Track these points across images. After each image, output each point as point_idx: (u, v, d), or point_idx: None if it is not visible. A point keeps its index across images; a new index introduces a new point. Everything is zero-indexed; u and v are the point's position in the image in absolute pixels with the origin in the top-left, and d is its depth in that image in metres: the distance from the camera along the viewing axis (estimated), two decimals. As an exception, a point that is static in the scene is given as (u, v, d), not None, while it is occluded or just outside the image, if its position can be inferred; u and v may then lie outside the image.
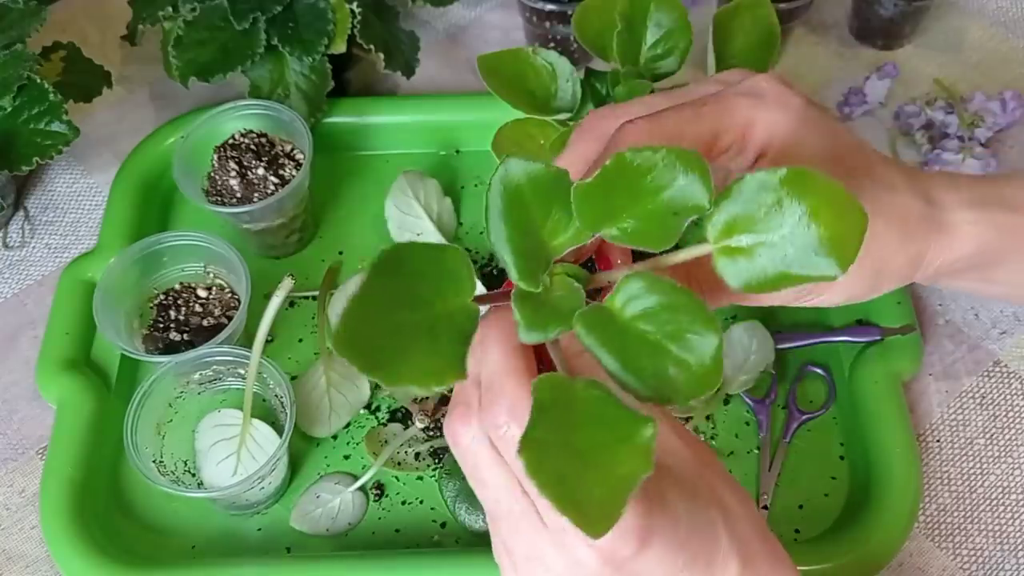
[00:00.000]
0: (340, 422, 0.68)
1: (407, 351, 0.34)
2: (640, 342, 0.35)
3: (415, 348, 0.34)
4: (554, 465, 0.32)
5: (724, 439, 0.68)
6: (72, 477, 0.63)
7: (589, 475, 0.32)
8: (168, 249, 0.70)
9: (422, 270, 0.35)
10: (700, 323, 0.34)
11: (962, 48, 0.89)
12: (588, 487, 0.32)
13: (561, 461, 0.32)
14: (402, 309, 0.34)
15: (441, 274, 0.35)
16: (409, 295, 0.35)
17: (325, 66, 0.77)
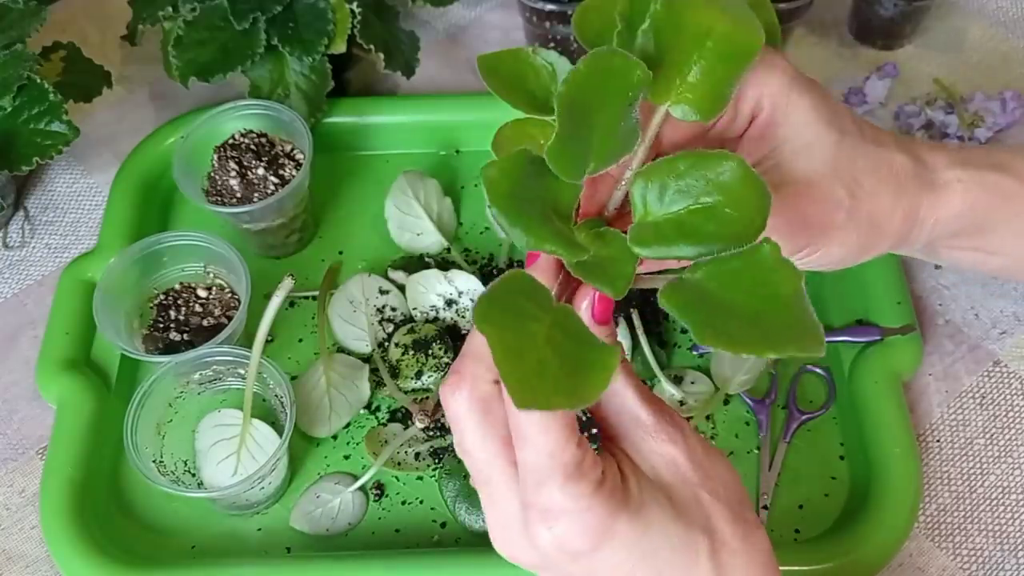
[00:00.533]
0: (340, 422, 0.68)
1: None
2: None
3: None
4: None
5: (724, 439, 0.68)
6: (72, 477, 0.63)
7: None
8: (168, 249, 0.70)
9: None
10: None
11: (962, 48, 0.89)
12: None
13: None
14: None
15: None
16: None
17: (325, 66, 0.77)
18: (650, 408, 0.41)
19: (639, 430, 0.41)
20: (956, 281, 0.74)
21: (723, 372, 0.69)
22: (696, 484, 0.41)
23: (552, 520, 0.38)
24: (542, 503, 0.38)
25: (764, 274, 0.36)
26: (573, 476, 0.38)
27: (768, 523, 0.64)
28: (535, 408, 0.33)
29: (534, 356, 0.34)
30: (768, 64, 0.47)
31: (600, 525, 0.38)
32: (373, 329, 0.72)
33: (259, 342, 0.61)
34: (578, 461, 0.38)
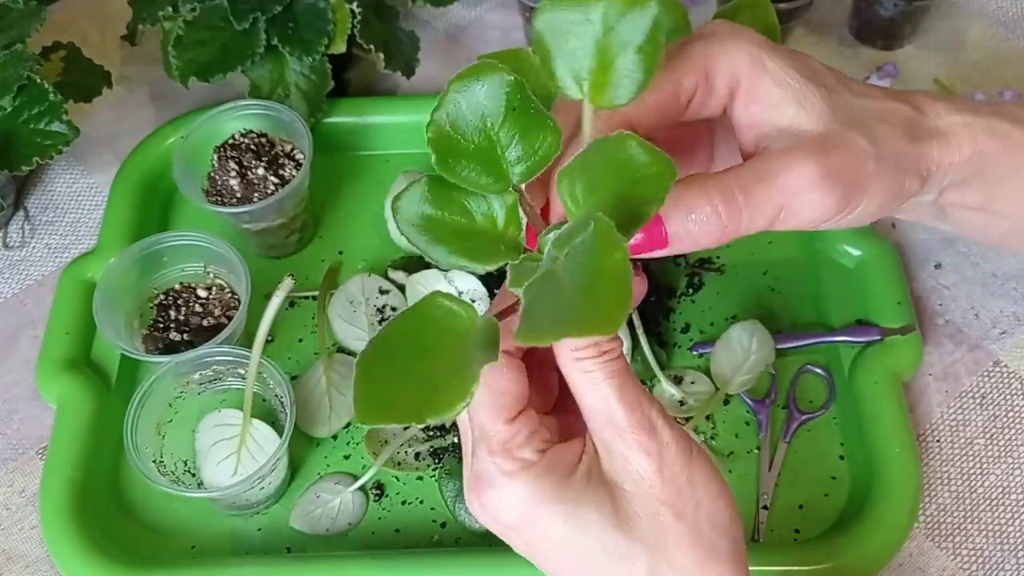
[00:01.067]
0: (340, 422, 0.68)
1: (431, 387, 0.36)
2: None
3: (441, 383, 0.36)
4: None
5: (724, 439, 0.68)
6: (72, 477, 0.63)
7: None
8: (168, 249, 0.70)
9: (415, 329, 0.38)
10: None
11: (962, 48, 0.89)
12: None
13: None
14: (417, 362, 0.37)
15: (435, 319, 0.38)
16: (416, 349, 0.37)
17: (325, 66, 0.77)
18: (628, 413, 0.40)
19: (611, 430, 0.41)
20: (956, 281, 0.74)
21: (723, 372, 0.69)
22: (661, 500, 0.40)
23: (480, 488, 0.41)
24: (474, 470, 0.41)
25: (592, 252, 0.35)
26: (497, 451, 0.40)
27: (768, 523, 0.64)
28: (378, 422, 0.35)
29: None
30: (733, 35, 0.46)
31: (521, 504, 0.40)
32: (373, 329, 0.72)
33: (259, 342, 0.61)
34: (504, 439, 0.40)
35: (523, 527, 0.41)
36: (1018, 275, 0.74)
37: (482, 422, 0.41)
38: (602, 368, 0.40)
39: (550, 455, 0.41)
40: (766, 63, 0.45)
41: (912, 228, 0.77)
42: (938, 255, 0.76)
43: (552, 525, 0.40)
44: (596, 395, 0.40)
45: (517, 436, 0.41)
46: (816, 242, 0.74)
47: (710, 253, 0.76)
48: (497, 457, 0.40)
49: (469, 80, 0.40)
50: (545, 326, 0.33)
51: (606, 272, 0.33)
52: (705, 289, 0.74)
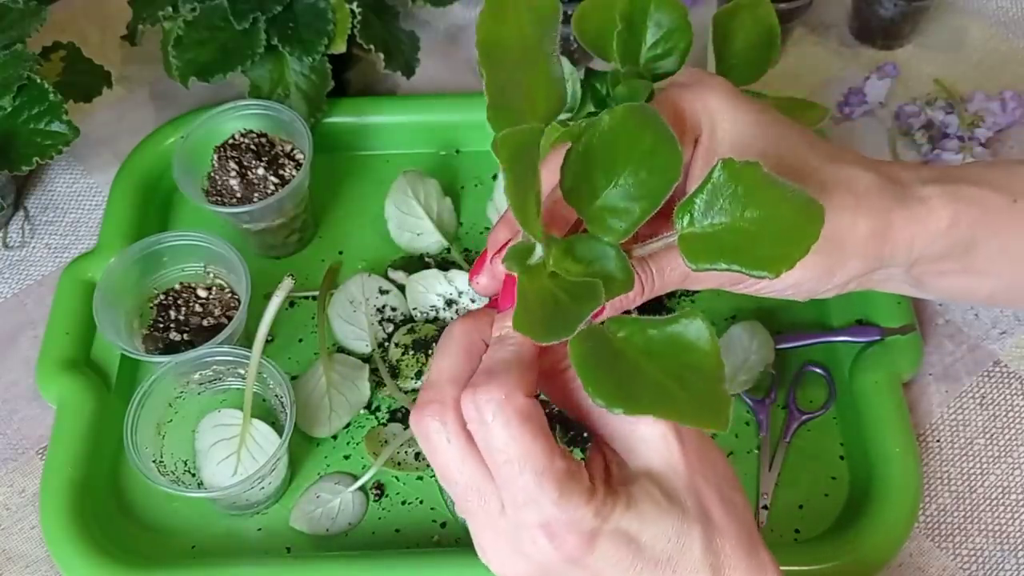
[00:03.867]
0: (340, 422, 0.68)
1: None
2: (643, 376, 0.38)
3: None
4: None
5: (724, 439, 0.68)
6: (72, 477, 0.63)
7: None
8: (168, 249, 0.70)
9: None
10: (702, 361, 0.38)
11: (962, 48, 0.89)
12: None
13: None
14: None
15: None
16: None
17: (325, 66, 0.77)
18: (655, 421, 0.41)
19: (628, 426, 0.41)
20: (956, 281, 0.75)
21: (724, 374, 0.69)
22: (692, 471, 0.41)
23: (551, 534, 0.39)
24: (539, 520, 0.39)
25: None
26: (566, 491, 0.39)
27: (768, 523, 0.64)
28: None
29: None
30: (703, 85, 0.46)
31: (595, 529, 0.39)
32: (373, 329, 0.72)
33: (259, 342, 0.61)
34: (565, 473, 0.39)
35: (593, 550, 0.40)
36: (1018, 275, 0.74)
37: (536, 467, 0.39)
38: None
39: (598, 486, 0.40)
40: (736, 116, 0.45)
41: (912, 228, 0.77)
42: (938, 255, 0.76)
43: (622, 532, 0.40)
44: (588, 400, 0.40)
45: (571, 464, 0.40)
46: (816, 242, 0.74)
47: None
48: (565, 499, 0.39)
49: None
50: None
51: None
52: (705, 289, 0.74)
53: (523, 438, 0.38)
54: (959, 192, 0.47)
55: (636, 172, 0.40)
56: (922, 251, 0.47)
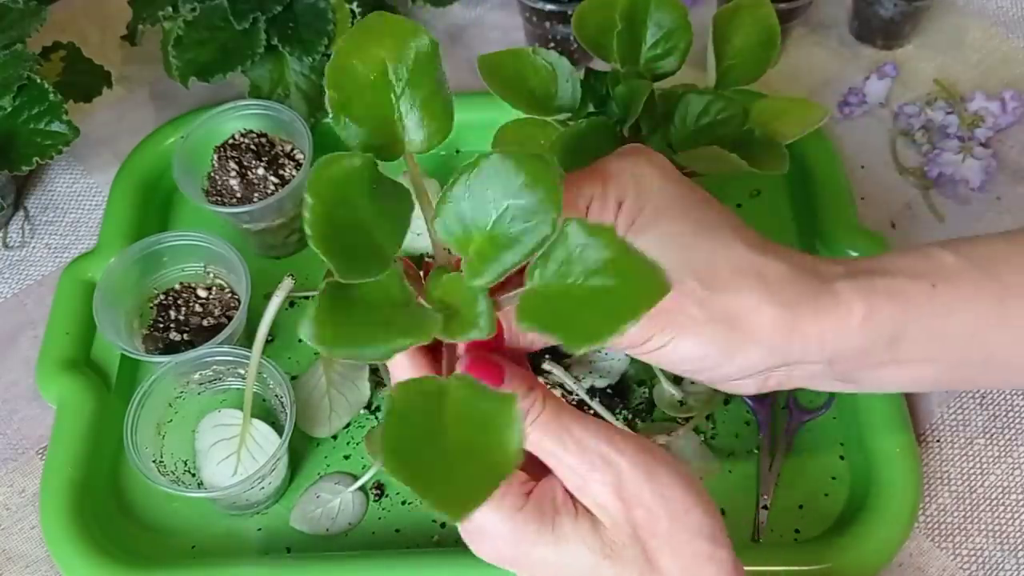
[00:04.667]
0: (340, 422, 0.68)
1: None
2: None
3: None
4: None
5: (724, 439, 0.68)
6: (72, 477, 0.63)
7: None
8: (168, 249, 0.70)
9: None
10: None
11: (962, 48, 0.89)
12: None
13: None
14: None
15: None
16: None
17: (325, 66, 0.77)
18: (575, 456, 0.42)
19: (570, 476, 0.42)
20: (956, 281, 0.74)
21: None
22: (633, 524, 0.42)
23: (474, 539, 0.44)
24: (464, 524, 0.44)
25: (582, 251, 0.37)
26: (492, 503, 0.41)
27: (768, 523, 0.64)
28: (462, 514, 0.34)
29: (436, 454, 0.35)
30: (643, 154, 0.47)
31: (516, 550, 0.42)
32: (373, 329, 0.72)
33: (259, 342, 0.61)
34: (499, 491, 0.40)
35: (521, 567, 0.43)
36: (1018, 275, 0.74)
37: (484, 522, 0.42)
38: (533, 428, 0.42)
39: (536, 496, 0.43)
40: (663, 190, 0.45)
41: (912, 228, 0.77)
42: (938, 255, 0.76)
43: (547, 567, 0.42)
44: (543, 452, 0.42)
45: (511, 483, 0.42)
46: (816, 242, 0.74)
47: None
48: (491, 509, 0.42)
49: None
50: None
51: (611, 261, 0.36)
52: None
53: None
54: (873, 285, 0.46)
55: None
56: (837, 347, 0.46)
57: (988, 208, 0.78)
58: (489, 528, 0.43)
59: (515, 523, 0.42)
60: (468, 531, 0.44)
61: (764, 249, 0.46)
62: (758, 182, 0.79)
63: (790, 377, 0.48)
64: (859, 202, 0.79)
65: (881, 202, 0.79)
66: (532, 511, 0.42)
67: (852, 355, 0.46)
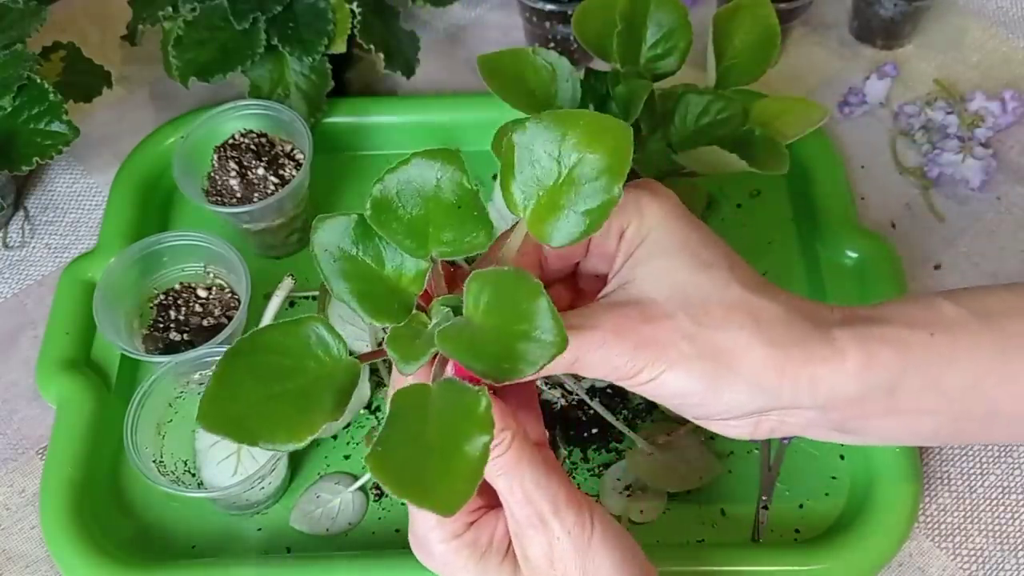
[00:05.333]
0: (340, 422, 0.68)
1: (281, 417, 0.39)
2: (487, 335, 0.39)
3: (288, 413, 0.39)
4: (399, 464, 0.37)
5: (724, 439, 0.67)
6: (72, 477, 0.63)
7: (434, 465, 0.37)
8: (168, 249, 0.70)
9: (284, 346, 0.41)
10: (530, 297, 0.38)
11: (962, 48, 0.89)
12: (435, 477, 0.36)
13: (408, 459, 0.37)
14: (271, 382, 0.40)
15: (305, 345, 0.41)
16: (275, 369, 0.40)
17: (325, 66, 0.77)
18: (520, 508, 0.43)
19: (511, 520, 0.44)
20: (956, 281, 0.74)
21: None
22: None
23: (419, 550, 0.46)
24: (413, 532, 0.46)
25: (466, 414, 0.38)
26: (429, 520, 0.44)
27: (768, 523, 0.64)
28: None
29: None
30: (649, 187, 0.47)
31: (447, 567, 0.45)
32: (373, 329, 0.72)
33: (259, 342, 0.61)
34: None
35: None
36: (1018, 275, 0.74)
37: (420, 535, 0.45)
38: (492, 465, 0.42)
39: (474, 529, 0.45)
40: (665, 225, 0.46)
41: (912, 228, 0.77)
42: (938, 255, 0.76)
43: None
44: (497, 489, 0.43)
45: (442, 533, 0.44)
46: (816, 242, 0.74)
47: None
48: (430, 526, 0.44)
49: (429, 161, 0.43)
50: (396, 475, 0.36)
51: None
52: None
53: None
54: (871, 333, 0.45)
55: (444, 231, 0.42)
56: (831, 394, 0.45)
57: (988, 208, 0.78)
58: (430, 543, 0.45)
59: (448, 547, 0.44)
60: (415, 537, 0.46)
61: (761, 290, 0.46)
62: (758, 182, 0.79)
63: (783, 423, 0.47)
64: (859, 202, 0.79)
65: (881, 202, 0.79)
66: (467, 541, 0.44)
67: (847, 403, 0.45)
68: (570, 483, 0.44)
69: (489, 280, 0.39)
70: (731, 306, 0.44)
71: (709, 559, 0.60)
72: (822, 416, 0.46)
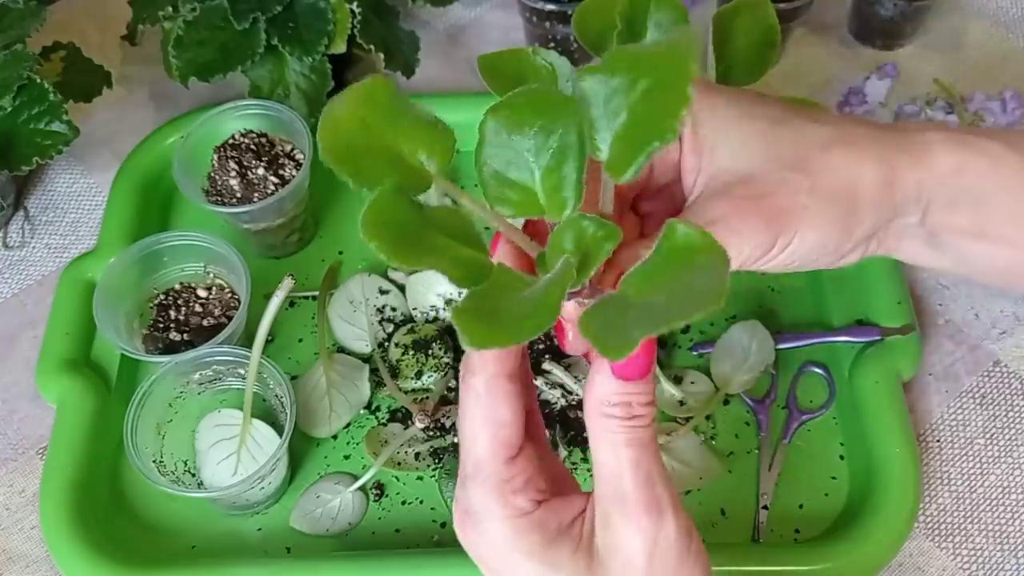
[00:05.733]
0: (340, 422, 0.68)
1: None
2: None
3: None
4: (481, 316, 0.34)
5: (724, 439, 0.68)
6: (72, 477, 0.63)
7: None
8: (168, 249, 0.70)
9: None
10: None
11: (962, 48, 0.89)
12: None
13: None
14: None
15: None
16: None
17: (325, 66, 0.77)
18: (638, 488, 0.38)
19: (616, 500, 0.39)
20: (956, 281, 0.74)
21: (723, 372, 0.69)
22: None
23: (465, 523, 0.40)
24: (463, 503, 0.40)
25: (680, 255, 0.35)
26: (492, 491, 0.39)
27: (768, 523, 0.64)
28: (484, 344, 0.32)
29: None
30: (701, 86, 0.46)
31: (504, 552, 0.39)
32: (373, 329, 0.72)
33: (259, 342, 0.61)
34: (501, 479, 0.39)
35: (500, 572, 0.40)
36: (1018, 275, 0.74)
37: (479, 456, 0.39)
38: (626, 432, 0.38)
39: (544, 509, 0.40)
40: (711, 104, 0.45)
41: (912, 228, 0.77)
42: (938, 255, 0.76)
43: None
44: (612, 458, 0.39)
45: (515, 479, 0.39)
46: (816, 242, 0.74)
47: (710, 253, 0.76)
48: (490, 498, 0.39)
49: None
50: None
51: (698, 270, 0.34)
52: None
53: (474, 425, 0.39)
54: (965, 140, 0.45)
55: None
56: (931, 195, 0.45)
57: (988, 208, 0.78)
58: (487, 519, 0.39)
59: (514, 525, 0.39)
60: (465, 512, 0.40)
61: (841, 120, 0.45)
62: (758, 182, 0.79)
63: (887, 236, 0.46)
64: (859, 202, 0.79)
65: (881, 202, 0.79)
66: (536, 520, 0.39)
67: (943, 206, 0.45)
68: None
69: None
70: (823, 145, 0.44)
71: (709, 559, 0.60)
72: (920, 225, 0.46)
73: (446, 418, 0.67)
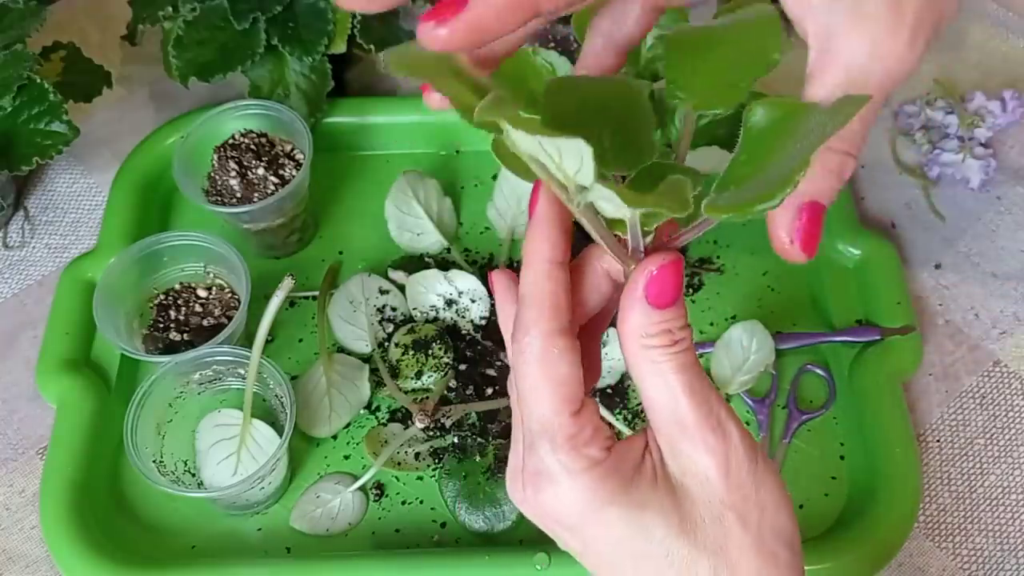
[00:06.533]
0: (340, 422, 0.68)
1: None
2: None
3: None
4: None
5: (724, 439, 0.67)
6: (72, 477, 0.63)
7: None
8: (168, 249, 0.70)
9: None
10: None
11: (962, 48, 0.89)
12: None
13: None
14: None
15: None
16: None
17: (325, 66, 0.77)
18: (696, 409, 0.38)
19: (676, 428, 0.38)
20: (956, 281, 0.75)
21: (723, 372, 0.69)
22: (726, 504, 0.38)
23: (539, 484, 0.38)
24: (532, 465, 0.38)
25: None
26: (563, 446, 0.37)
27: (768, 523, 0.64)
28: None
29: None
30: None
31: (585, 505, 0.38)
32: (373, 329, 0.72)
33: (259, 342, 0.61)
34: (570, 433, 0.38)
35: (583, 527, 0.39)
36: (1018, 275, 0.74)
37: (544, 414, 0.38)
38: (672, 359, 0.38)
39: (615, 453, 0.39)
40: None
41: (912, 228, 0.77)
42: (938, 255, 0.76)
43: (613, 528, 0.38)
44: (663, 388, 0.38)
45: (583, 432, 0.38)
46: (816, 242, 0.74)
47: (710, 253, 0.76)
48: (563, 454, 0.38)
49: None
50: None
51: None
52: (705, 289, 0.74)
53: (536, 384, 0.38)
54: None
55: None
56: None
57: (988, 208, 0.78)
58: (563, 477, 0.38)
59: (592, 476, 0.38)
60: (536, 473, 0.38)
61: None
62: (758, 182, 0.79)
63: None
64: (859, 202, 0.79)
65: (881, 202, 0.79)
66: (612, 467, 0.38)
67: None
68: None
69: None
70: None
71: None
72: None
73: (446, 418, 0.67)
